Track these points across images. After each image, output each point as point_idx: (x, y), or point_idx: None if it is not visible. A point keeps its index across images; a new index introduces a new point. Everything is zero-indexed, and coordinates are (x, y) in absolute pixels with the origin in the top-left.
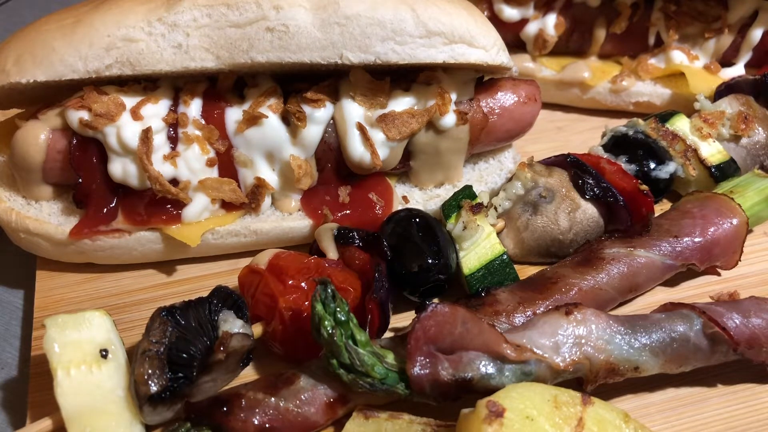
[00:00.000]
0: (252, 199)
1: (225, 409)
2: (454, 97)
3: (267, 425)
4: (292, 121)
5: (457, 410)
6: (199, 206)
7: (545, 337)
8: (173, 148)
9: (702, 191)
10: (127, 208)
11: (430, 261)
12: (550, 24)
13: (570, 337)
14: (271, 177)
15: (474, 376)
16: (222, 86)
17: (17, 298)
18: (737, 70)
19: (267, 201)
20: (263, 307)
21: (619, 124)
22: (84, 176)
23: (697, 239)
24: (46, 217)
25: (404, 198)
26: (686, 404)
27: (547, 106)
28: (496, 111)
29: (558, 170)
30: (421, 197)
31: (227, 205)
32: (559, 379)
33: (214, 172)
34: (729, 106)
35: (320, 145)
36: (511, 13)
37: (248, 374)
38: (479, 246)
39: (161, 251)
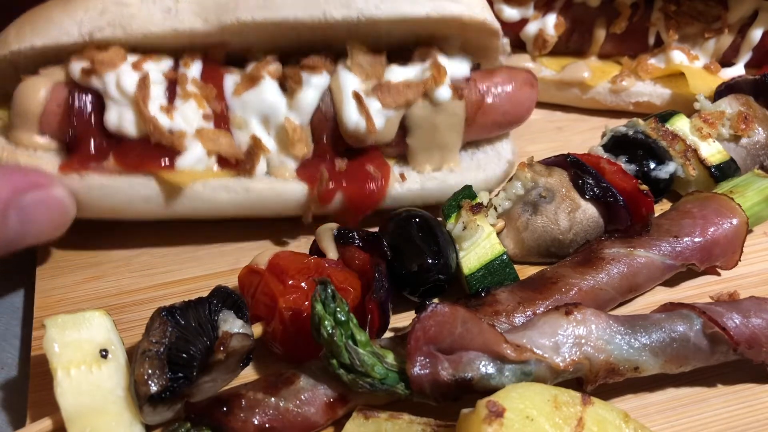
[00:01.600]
0: (247, 158)
1: (225, 409)
2: (449, 72)
3: (267, 425)
4: (288, 85)
5: (457, 410)
6: (194, 156)
7: (545, 337)
8: (171, 103)
9: (702, 191)
10: (120, 154)
11: (430, 261)
12: (550, 24)
13: (570, 337)
14: (266, 140)
15: (474, 376)
16: (216, 56)
17: (17, 298)
18: (737, 70)
19: (262, 166)
20: (263, 307)
21: (619, 124)
22: (79, 124)
23: (697, 239)
24: (37, 155)
25: (401, 176)
26: (686, 404)
27: (547, 106)
28: (492, 92)
29: (558, 170)
30: (418, 178)
31: (223, 163)
32: (559, 379)
33: (210, 127)
34: (729, 106)
35: (316, 113)
36: (511, 13)
37: (248, 374)
38: (479, 246)
39: (150, 199)
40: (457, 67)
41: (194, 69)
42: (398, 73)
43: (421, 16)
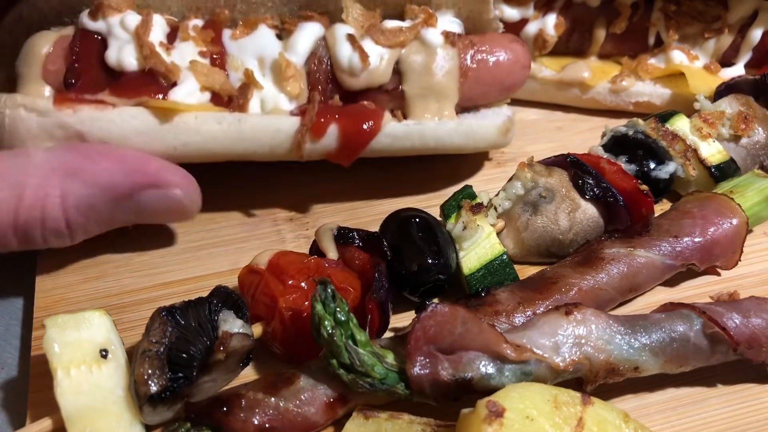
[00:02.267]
0: (240, 94)
1: (225, 409)
2: (441, 24)
3: (267, 425)
4: (284, 30)
5: (457, 410)
6: (187, 89)
7: (545, 337)
8: (170, 43)
9: (702, 191)
10: (115, 86)
11: (430, 261)
12: (550, 24)
13: (570, 337)
14: (261, 78)
15: (474, 376)
16: (219, 19)
17: (17, 298)
18: (737, 70)
19: (255, 105)
20: (263, 307)
21: (619, 124)
22: (79, 62)
23: (697, 239)
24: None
25: (398, 115)
26: (686, 404)
27: (547, 106)
28: (485, 47)
29: (558, 170)
30: (412, 122)
31: (216, 101)
32: (559, 379)
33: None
34: (729, 106)
35: (311, 59)
36: (511, 13)
37: (248, 374)
38: (479, 246)
39: (142, 131)
40: (448, 24)
41: (195, 20)
42: (392, 24)
43: None
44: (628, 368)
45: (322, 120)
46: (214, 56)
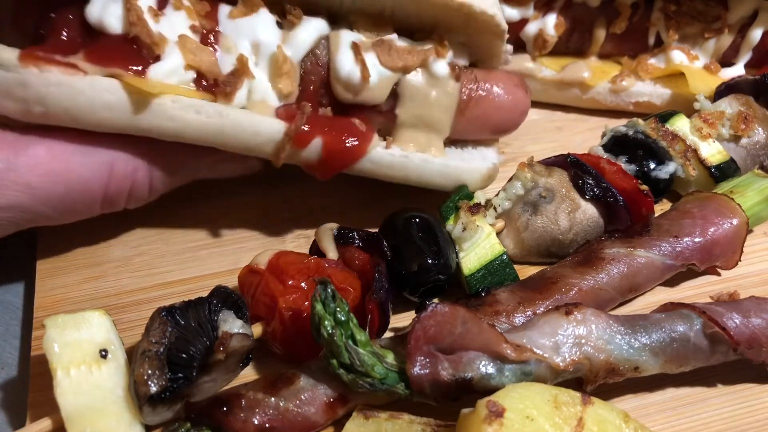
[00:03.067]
0: (229, 80)
1: (225, 409)
2: (450, 54)
3: (267, 425)
4: (287, 21)
5: (457, 410)
6: (170, 65)
7: (545, 337)
8: (161, 10)
9: (702, 191)
10: (91, 49)
11: (430, 261)
12: (550, 24)
13: (570, 337)
14: (254, 67)
15: (474, 376)
16: None
17: (17, 298)
18: (737, 70)
19: (242, 96)
20: (263, 307)
21: (619, 124)
22: (56, 10)
23: (697, 239)
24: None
25: (386, 140)
26: (686, 404)
27: (547, 106)
28: (487, 87)
29: (558, 170)
30: (398, 152)
31: (200, 85)
32: (559, 379)
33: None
34: (729, 106)
35: (309, 57)
36: (511, 13)
37: (248, 374)
38: (479, 246)
39: (113, 107)
40: (458, 52)
41: None
42: (401, 41)
43: None
44: (628, 368)
45: (308, 131)
46: (206, 32)
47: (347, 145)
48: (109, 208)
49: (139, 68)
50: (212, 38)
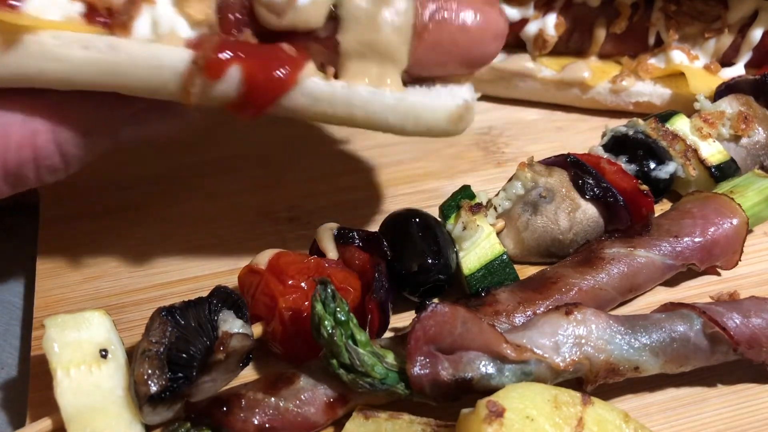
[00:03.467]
0: (124, 9)
1: (225, 409)
2: None
3: (267, 425)
4: None
5: (457, 410)
6: None
7: (545, 337)
8: None
9: (702, 191)
10: None
11: (430, 261)
12: (550, 24)
13: (570, 337)
14: None
15: (474, 376)
16: None
17: (17, 298)
18: (737, 70)
19: (145, 27)
20: (263, 307)
21: (619, 124)
22: None
23: (697, 239)
24: None
25: (327, 71)
26: (686, 404)
27: (548, 106)
28: (450, 6)
29: (558, 170)
30: (340, 83)
31: (90, 18)
32: (559, 379)
33: None
34: (729, 106)
35: None
36: (511, 12)
37: (248, 374)
38: (479, 246)
39: None
40: None
41: None
42: None
43: None
44: (628, 368)
45: (222, 57)
46: None
47: (273, 72)
48: (19, 185)
49: (11, 1)
50: None
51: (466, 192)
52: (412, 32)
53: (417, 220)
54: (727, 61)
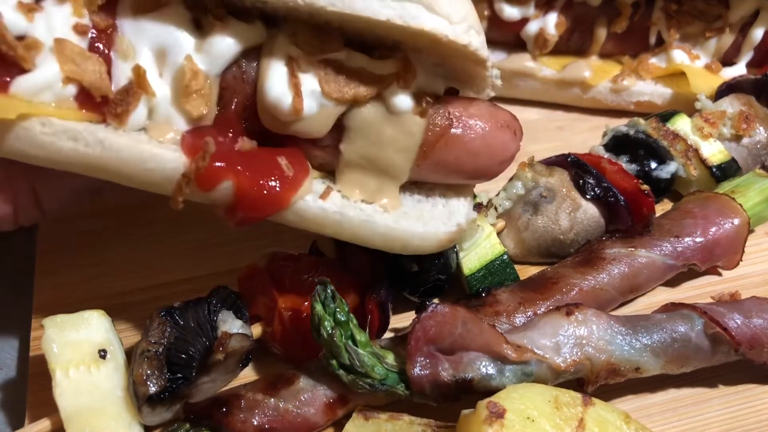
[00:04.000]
0: (121, 98)
1: (224, 409)
2: (418, 80)
3: (266, 426)
4: (206, 20)
5: (458, 411)
6: (42, 78)
7: (546, 338)
8: (38, 2)
9: (703, 191)
10: None
11: (430, 261)
12: (550, 23)
13: (571, 337)
14: (155, 81)
15: (474, 376)
16: None
17: (16, 298)
18: (738, 70)
19: (139, 116)
20: (263, 307)
21: (620, 124)
22: None
23: (698, 239)
24: None
25: (325, 192)
26: (687, 405)
27: (548, 105)
28: (464, 123)
29: (559, 170)
30: (340, 201)
31: (83, 102)
32: (560, 380)
33: (80, 45)
34: (730, 105)
35: (232, 70)
36: (511, 12)
37: (248, 375)
38: (479, 246)
39: None
40: (429, 78)
41: None
42: (354, 59)
43: (379, 20)
44: (629, 369)
45: (216, 169)
46: (98, 33)
47: (266, 192)
48: None
49: (2, 78)
50: (104, 41)
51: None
52: (417, 153)
53: None
54: (728, 60)
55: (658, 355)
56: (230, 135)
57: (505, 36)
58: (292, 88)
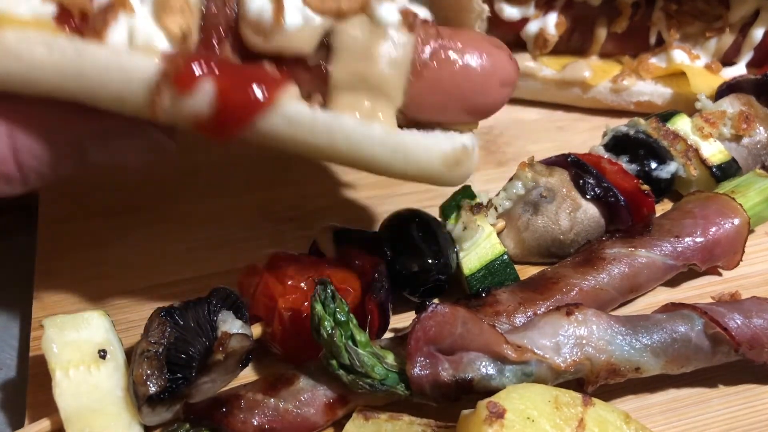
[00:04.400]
0: (100, 14)
1: (224, 409)
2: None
3: (266, 426)
4: None
5: (458, 411)
6: None
7: (546, 338)
8: None
9: (703, 191)
10: None
11: (430, 261)
12: (550, 23)
13: (571, 337)
14: (136, 2)
15: (474, 376)
16: None
17: (17, 298)
18: (738, 70)
19: (121, 36)
20: (263, 307)
21: (620, 124)
22: None
23: (698, 239)
24: None
25: (312, 99)
26: (687, 405)
27: (548, 105)
28: (455, 40)
29: (559, 170)
30: (323, 113)
31: (65, 21)
32: (560, 380)
33: None
34: (730, 105)
35: None
36: (511, 12)
37: (247, 375)
38: (479, 246)
39: None
40: (413, 6)
41: None
42: None
43: None
44: (629, 369)
45: (194, 70)
46: None
47: (249, 90)
48: None
49: None
50: None
51: (466, 192)
52: (409, 68)
53: (417, 220)
54: (728, 60)
55: (658, 355)
56: (214, 52)
57: (505, 36)
58: (273, 1)
